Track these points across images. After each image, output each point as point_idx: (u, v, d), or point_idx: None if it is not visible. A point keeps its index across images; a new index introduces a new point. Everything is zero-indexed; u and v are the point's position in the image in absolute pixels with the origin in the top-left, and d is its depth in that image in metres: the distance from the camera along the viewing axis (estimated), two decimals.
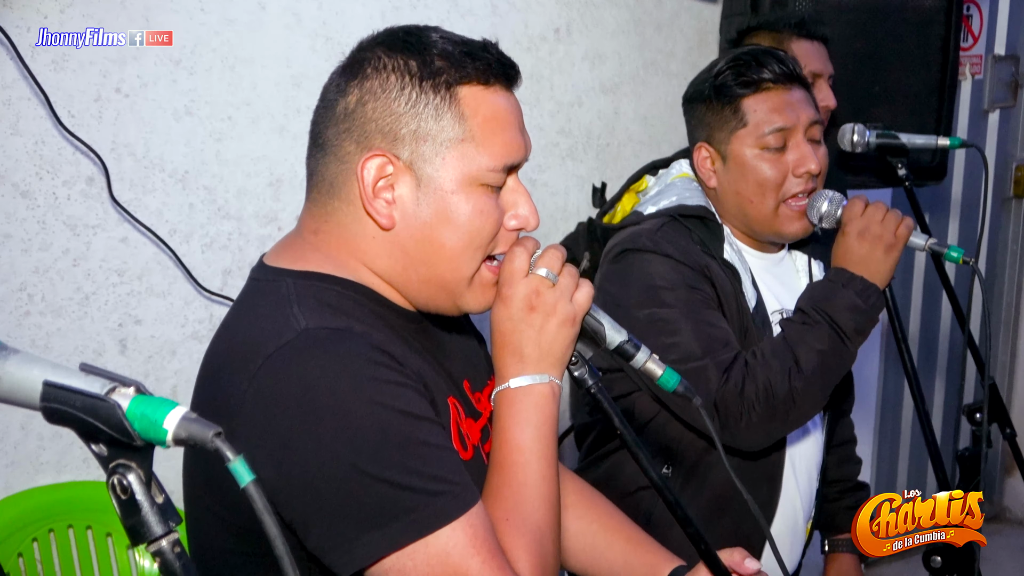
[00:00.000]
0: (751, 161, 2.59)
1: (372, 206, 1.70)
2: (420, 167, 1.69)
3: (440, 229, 1.70)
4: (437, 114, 1.69)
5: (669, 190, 2.70)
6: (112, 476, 1.15)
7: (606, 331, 1.78)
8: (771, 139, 2.57)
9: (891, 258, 2.53)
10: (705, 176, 2.68)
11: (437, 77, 1.69)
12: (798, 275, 2.82)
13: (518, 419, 1.74)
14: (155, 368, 2.91)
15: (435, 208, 1.70)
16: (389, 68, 1.69)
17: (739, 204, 2.63)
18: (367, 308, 1.72)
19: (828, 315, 2.46)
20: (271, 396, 1.56)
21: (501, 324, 1.76)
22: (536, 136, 3.64)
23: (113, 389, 1.13)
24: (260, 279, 1.77)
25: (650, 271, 2.52)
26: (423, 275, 1.74)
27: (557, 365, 1.76)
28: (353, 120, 1.70)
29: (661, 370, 1.77)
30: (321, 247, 1.75)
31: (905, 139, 3.13)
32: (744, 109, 2.58)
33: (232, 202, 2.99)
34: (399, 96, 1.68)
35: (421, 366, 1.71)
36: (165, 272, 2.90)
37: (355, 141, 1.70)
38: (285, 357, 1.58)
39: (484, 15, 3.45)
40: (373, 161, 1.68)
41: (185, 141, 2.89)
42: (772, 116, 2.58)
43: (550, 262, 1.76)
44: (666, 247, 2.53)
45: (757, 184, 2.59)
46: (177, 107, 2.87)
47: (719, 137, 2.62)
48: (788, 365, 2.42)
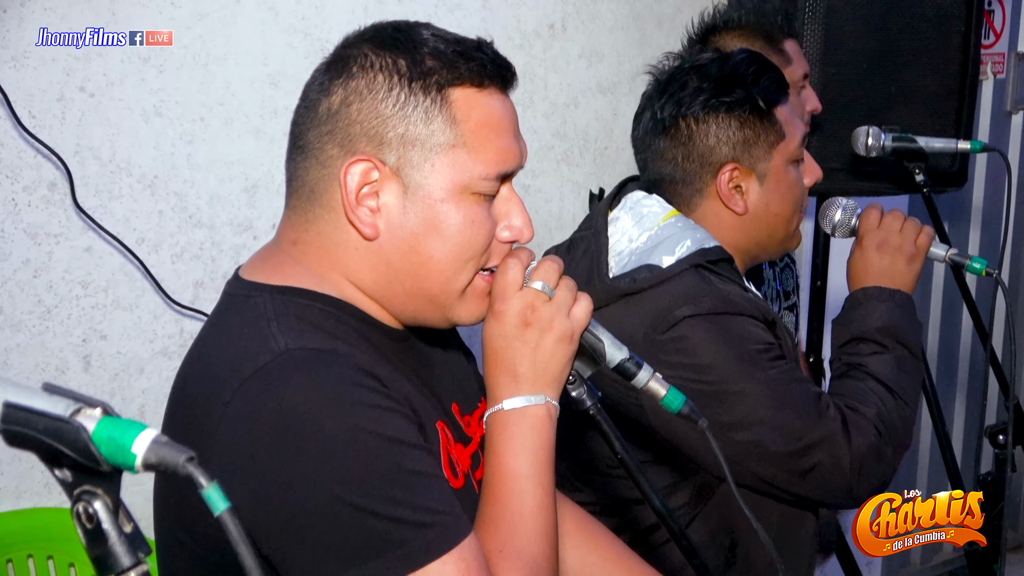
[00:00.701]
0: (791, 175, 2.53)
1: (355, 214, 1.69)
2: (407, 173, 1.69)
3: (428, 240, 1.70)
4: (427, 117, 1.68)
5: (672, 232, 2.47)
6: (77, 503, 1.14)
7: (606, 348, 1.78)
8: (800, 151, 2.54)
9: (913, 269, 2.54)
10: (732, 202, 2.50)
11: (428, 78, 1.69)
12: None
13: (512, 444, 1.73)
14: (121, 387, 2.90)
15: (423, 217, 1.69)
16: (376, 67, 1.69)
17: (773, 227, 2.54)
18: (350, 327, 1.71)
19: (897, 336, 2.46)
20: (248, 423, 1.55)
21: (494, 341, 1.76)
22: (529, 139, 3.62)
23: (78, 410, 1.12)
24: (235, 294, 1.76)
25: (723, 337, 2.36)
26: (409, 288, 1.73)
27: (554, 385, 1.76)
28: (337, 122, 1.70)
29: (665, 390, 1.76)
30: (301, 259, 1.75)
31: (923, 142, 3.15)
32: (779, 119, 2.50)
33: (204, 209, 2.98)
34: (387, 97, 1.68)
35: (408, 389, 1.71)
36: (132, 284, 2.89)
37: (338, 144, 1.69)
38: (263, 381, 1.57)
39: (473, 9, 3.45)
40: (357, 166, 1.68)
41: (154, 144, 2.88)
42: (799, 124, 2.54)
43: (546, 274, 1.76)
44: (726, 304, 2.38)
45: (795, 201, 2.54)
46: (145, 107, 2.87)
47: (756, 154, 2.48)
48: (888, 400, 2.41)
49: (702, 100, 2.48)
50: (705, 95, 2.48)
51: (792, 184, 2.52)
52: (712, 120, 2.48)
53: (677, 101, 2.51)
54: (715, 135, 2.48)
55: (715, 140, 2.48)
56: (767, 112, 2.47)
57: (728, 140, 2.48)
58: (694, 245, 2.44)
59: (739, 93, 2.47)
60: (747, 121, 2.47)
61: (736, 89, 2.47)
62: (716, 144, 2.48)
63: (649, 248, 2.46)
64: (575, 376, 1.79)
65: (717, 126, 2.48)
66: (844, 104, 3.46)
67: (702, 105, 2.48)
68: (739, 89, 2.47)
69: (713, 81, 2.48)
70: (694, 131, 2.50)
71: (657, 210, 2.51)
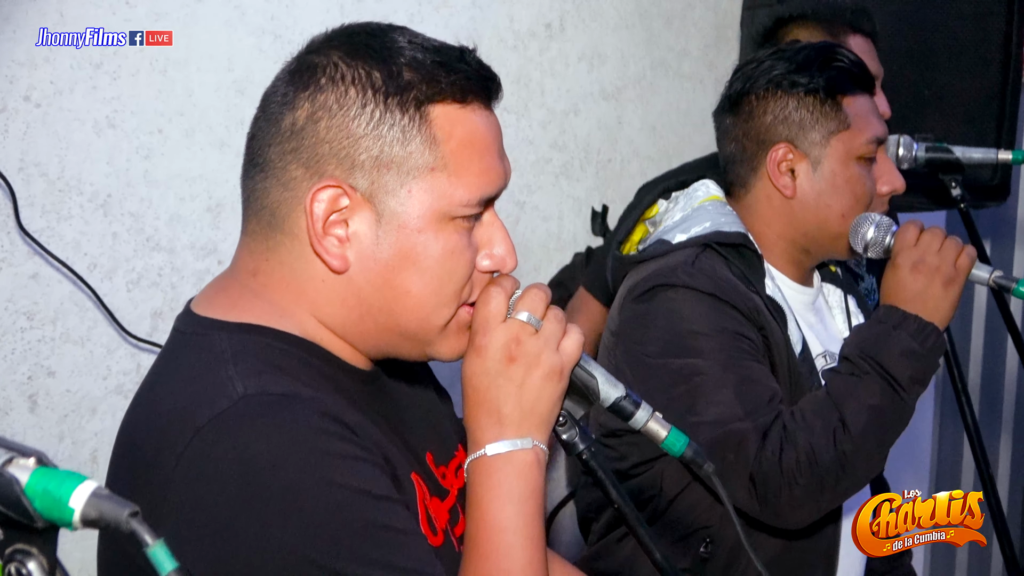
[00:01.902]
0: (853, 170, 2.65)
1: (321, 245, 1.68)
2: (381, 200, 1.68)
3: (403, 273, 1.70)
4: (404, 137, 1.68)
5: (699, 214, 2.68)
6: (8, 564, 1.14)
7: (599, 385, 1.78)
8: (870, 148, 2.66)
9: (951, 294, 2.54)
10: (781, 183, 2.68)
11: (405, 93, 1.68)
12: (832, 312, 2.85)
13: (497, 493, 1.72)
14: (72, 429, 2.90)
15: (398, 248, 1.69)
16: (348, 79, 1.68)
17: (823, 219, 2.67)
18: (315, 369, 1.70)
19: (878, 363, 2.45)
20: (205, 477, 1.54)
21: (475, 379, 1.74)
22: (525, 151, 3.66)
23: (9, 460, 1.12)
24: (187, 332, 1.74)
25: (685, 312, 2.52)
26: (383, 324, 1.73)
27: (542, 426, 1.74)
28: (302, 139, 1.68)
29: (666, 431, 1.76)
30: (261, 292, 1.74)
31: (960, 153, 3.16)
32: (847, 110, 2.64)
33: (163, 231, 2.99)
34: (360, 115, 1.67)
35: (379, 438, 1.69)
36: (83, 314, 2.90)
37: (303, 165, 1.68)
38: (221, 429, 1.56)
39: (462, 7, 3.46)
40: (325, 192, 1.67)
41: (107, 159, 2.89)
42: (873, 122, 2.67)
43: (532, 304, 1.75)
44: (705, 282, 2.53)
45: (854, 198, 2.66)
46: (98, 118, 2.87)
47: (812, 138, 2.66)
48: (833, 425, 2.42)
49: (766, 78, 2.67)
50: (771, 73, 2.67)
51: (852, 180, 2.66)
52: (771, 98, 2.68)
53: (745, 78, 2.70)
54: (772, 112, 2.67)
55: (771, 118, 2.67)
56: (830, 97, 2.64)
57: (784, 119, 2.66)
58: (712, 227, 2.62)
59: (804, 74, 2.64)
60: (805, 102, 2.65)
61: (803, 71, 2.64)
62: (772, 122, 2.67)
63: (675, 226, 2.67)
64: (566, 416, 1.79)
65: (775, 103, 2.67)
66: None
67: (765, 83, 2.67)
68: (806, 71, 2.64)
69: (785, 61, 2.67)
70: (755, 108, 2.70)
71: (701, 194, 2.74)
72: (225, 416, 1.56)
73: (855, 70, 2.66)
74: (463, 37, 3.30)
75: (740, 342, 2.49)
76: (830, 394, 2.47)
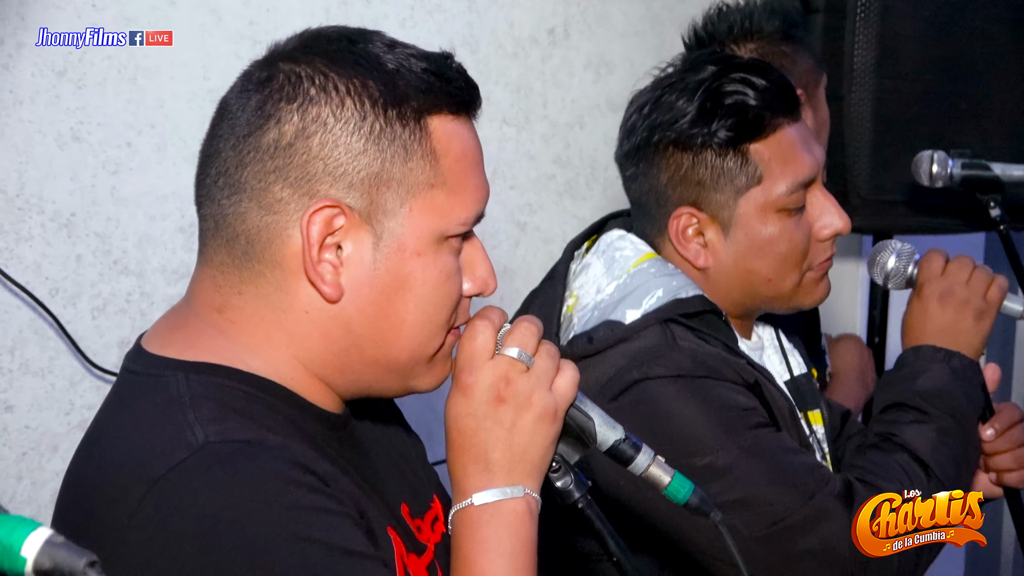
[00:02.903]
0: (771, 230, 2.46)
1: (316, 271, 1.67)
2: (380, 220, 1.68)
3: (399, 300, 1.70)
4: (406, 152, 1.68)
5: (642, 281, 2.47)
6: None
7: (596, 427, 1.77)
8: (793, 199, 2.46)
9: (981, 329, 2.54)
10: (691, 253, 2.49)
11: (404, 105, 1.68)
12: (770, 358, 2.72)
13: (485, 547, 1.70)
14: (31, 468, 2.90)
15: (395, 273, 1.69)
16: (343, 90, 1.67)
17: (748, 285, 2.50)
18: (282, 413, 1.68)
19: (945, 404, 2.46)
20: (161, 535, 1.52)
21: (460, 421, 1.72)
22: (526, 167, 3.66)
23: None
24: (140, 372, 1.73)
25: (681, 405, 2.36)
26: (370, 356, 1.72)
27: (534, 473, 1.73)
28: (290, 157, 1.66)
29: (669, 477, 1.76)
30: (227, 329, 1.72)
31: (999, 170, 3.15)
32: (755, 160, 2.44)
33: (132, 253, 2.99)
34: (359, 128, 1.66)
35: (352, 489, 1.68)
36: (45, 344, 2.90)
37: (291, 185, 1.66)
38: (179, 482, 1.54)
39: (458, 12, 3.46)
40: (321, 213, 1.65)
41: (71, 175, 2.90)
42: (795, 163, 2.46)
43: (523, 339, 1.74)
44: (691, 365, 2.37)
45: (779, 259, 2.48)
46: (61, 130, 2.88)
47: (718, 200, 2.45)
48: (921, 477, 2.40)
49: (659, 130, 2.47)
50: (663, 122, 2.47)
51: (774, 239, 2.46)
52: (665, 154, 2.48)
53: (633, 126, 2.53)
54: (668, 171, 2.48)
55: (667, 177, 2.49)
56: (732, 148, 2.43)
57: (682, 180, 2.47)
58: (667, 295, 2.43)
59: (700, 123, 2.43)
60: (703, 159, 2.44)
61: (701, 117, 2.44)
62: (669, 183, 2.48)
63: (615, 301, 2.46)
64: (559, 462, 1.78)
65: (670, 161, 2.47)
66: (903, 124, 3.48)
67: (658, 136, 2.48)
68: (703, 117, 2.43)
69: (684, 98, 2.46)
70: (651, 163, 2.51)
71: (629, 254, 2.52)
72: (183, 467, 1.54)
73: (765, 101, 2.44)
74: (459, 43, 3.34)
75: (752, 417, 2.39)
76: (902, 446, 2.44)
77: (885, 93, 3.46)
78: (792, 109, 2.47)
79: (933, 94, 3.53)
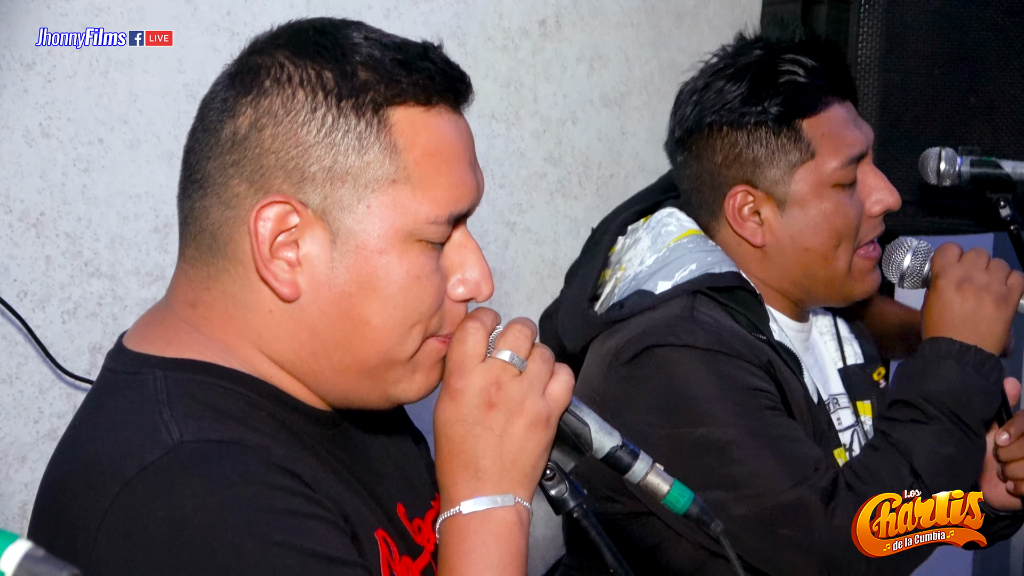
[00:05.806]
0: (825, 205, 2.57)
1: (268, 270, 1.67)
2: (336, 217, 1.68)
3: (363, 301, 1.69)
4: (361, 146, 1.68)
5: (679, 255, 2.59)
6: None
7: (592, 433, 1.77)
8: (846, 173, 2.57)
9: (1004, 315, 2.53)
10: (748, 232, 2.61)
11: (361, 95, 1.68)
12: (825, 344, 2.82)
13: (472, 558, 1.71)
14: None
15: (356, 272, 1.69)
16: (296, 81, 1.68)
17: (805, 264, 2.60)
18: (264, 411, 1.69)
19: (946, 406, 2.45)
20: (132, 538, 1.53)
21: (449, 427, 1.73)
22: (516, 165, 3.66)
23: None
24: (118, 370, 1.74)
25: (689, 374, 2.46)
26: (339, 361, 1.72)
27: (525, 481, 1.74)
28: (245, 151, 1.68)
29: (668, 485, 1.76)
30: (202, 326, 1.73)
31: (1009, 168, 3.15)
32: (808, 135, 2.56)
33: (104, 254, 2.99)
34: (309, 120, 1.67)
35: (338, 490, 1.69)
36: (12, 349, 2.89)
37: (247, 179, 1.68)
38: (152, 482, 1.55)
39: (444, 2, 3.46)
40: (271, 209, 1.66)
41: (40, 172, 2.89)
42: (846, 139, 2.58)
43: (515, 342, 1.74)
44: (708, 338, 2.47)
45: (834, 235, 2.58)
46: (29, 126, 2.87)
47: (773, 176, 2.57)
48: (908, 481, 2.40)
49: (712, 111, 2.60)
50: (718, 104, 2.59)
51: (829, 214, 2.58)
52: (719, 135, 2.60)
53: (691, 108, 2.64)
54: (722, 152, 2.61)
55: (722, 158, 2.61)
56: (785, 126, 2.56)
57: (736, 158, 2.59)
58: (700, 269, 2.55)
59: (753, 103, 2.56)
60: (757, 136, 2.57)
61: (753, 97, 2.56)
62: (724, 163, 2.61)
63: (651, 272, 2.58)
64: (553, 470, 1.78)
65: (723, 142, 2.60)
66: (911, 120, 3.48)
67: (711, 117, 2.60)
68: (755, 97, 2.56)
69: (734, 82, 2.59)
70: (703, 147, 2.63)
71: (672, 229, 2.64)
72: (157, 467, 1.56)
73: (816, 80, 2.58)
74: (446, 35, 3.34)
75: (760, 398, 2.45)
76: (895, 446, 2.45)
77: (891, 88, 3.47)
78: (841, 89, 2.61)
79: (941, 89, 3.54)
